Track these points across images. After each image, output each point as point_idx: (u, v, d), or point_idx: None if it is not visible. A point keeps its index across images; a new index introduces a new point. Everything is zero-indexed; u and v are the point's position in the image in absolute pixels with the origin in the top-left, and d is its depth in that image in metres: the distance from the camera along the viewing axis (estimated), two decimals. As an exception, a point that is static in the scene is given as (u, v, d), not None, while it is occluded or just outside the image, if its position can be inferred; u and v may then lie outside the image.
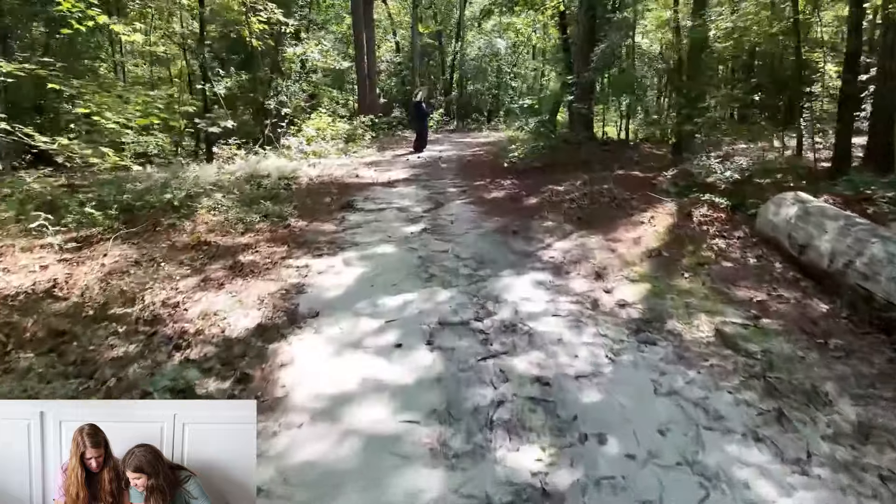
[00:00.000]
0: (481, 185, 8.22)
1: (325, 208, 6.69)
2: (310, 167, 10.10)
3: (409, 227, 5.52)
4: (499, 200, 6.84)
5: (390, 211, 6.43)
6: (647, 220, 5.27)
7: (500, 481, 2.11)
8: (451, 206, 6.58)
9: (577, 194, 6.66)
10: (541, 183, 7.82)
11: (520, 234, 5.14)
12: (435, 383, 2.78)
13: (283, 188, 8.03)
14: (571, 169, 8.46)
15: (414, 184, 8.60)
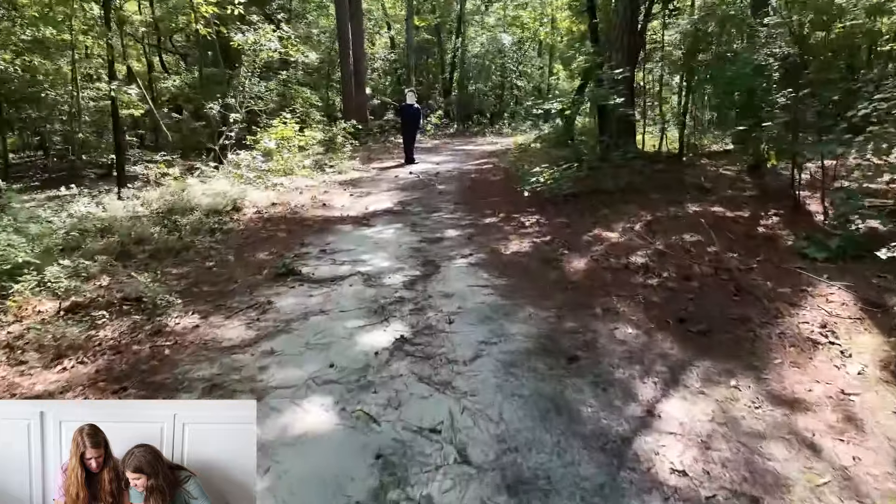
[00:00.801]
0: (493, 225, 5.78)
1: (250, 275, 4.25)
2: (265, 191, 7.67)
3: (373, 336, 3.07)
4: (525, 263, 4.40)
5: (352, 284, 4.00)
6: (819, 333, 2.81)
7: None
8: (448, 274, 4.15)
9: (651, 253, 4.23)
10: (581, 225, 5.38)
11: (582, 363, 2.68)
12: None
13: (212, 230, 5.60)
14: (620, 199, 6.02)
15: (398, 220, 6.17)
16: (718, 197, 5.87)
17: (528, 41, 26.59)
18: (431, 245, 5.06)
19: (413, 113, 11.13)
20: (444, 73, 24.73)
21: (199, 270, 4.40)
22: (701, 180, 6.67)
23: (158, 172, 7.50)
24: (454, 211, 6.57)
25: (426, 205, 6.99)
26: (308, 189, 8.10)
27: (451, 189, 8.11)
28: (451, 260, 4.56)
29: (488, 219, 6.03)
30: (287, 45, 8.24)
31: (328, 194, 7.89)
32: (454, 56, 23.98)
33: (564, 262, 4.27)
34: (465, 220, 6.04)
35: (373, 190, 8.24)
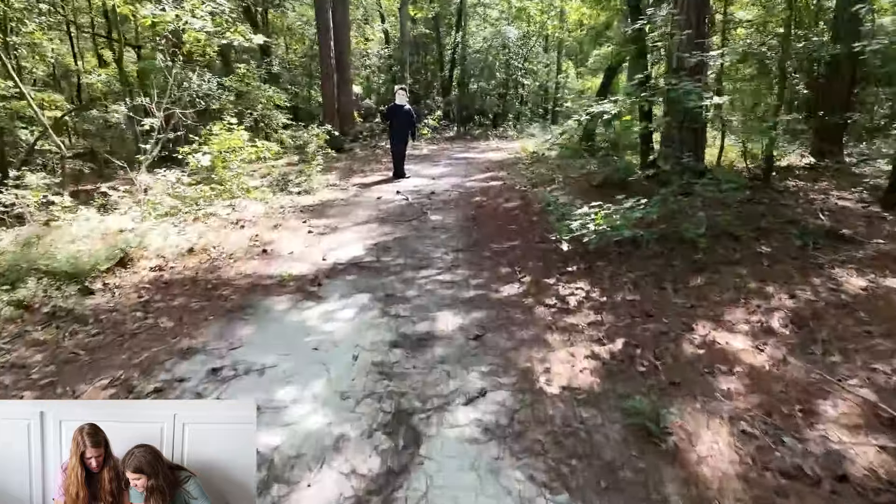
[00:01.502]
0: (516, 302, 3.54)
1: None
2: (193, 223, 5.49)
3: None
4: (595, 436, 2.19)
5: None
6: None
7: None
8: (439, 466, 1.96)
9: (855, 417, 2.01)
10: (668, 312, 3.14)
11: None
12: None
13: (52, 313, 3.38)
14: (713, 254, 3.80)
15: (365, 286, 3.93)
16: (877, 252, 3.65)
17: (533, 36, 24.40)
18: (412, 356, 2.84)
19: (404, 116, 8.91)
20: (443, 70, 22.51)
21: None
22: (822, 217, 4.46)
23: (36, 202, 5.29)
24: (452, 266, 4.34)
25: (412, 253, 4.76)
26: (252, 221, 5.88)
27: (450, 223, 5.88)
28: (446, 409, 2.33)
29: (506, 287, 3.79)
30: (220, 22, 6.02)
31: (279, 230, 5.67)
32: (454, 52, 21.75)
33: (682, 441, 2.03)
34: (468, 289, 3.81)
35: (342, 222, 6.01)
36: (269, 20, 16.85)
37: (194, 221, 5.77)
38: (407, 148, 9.21)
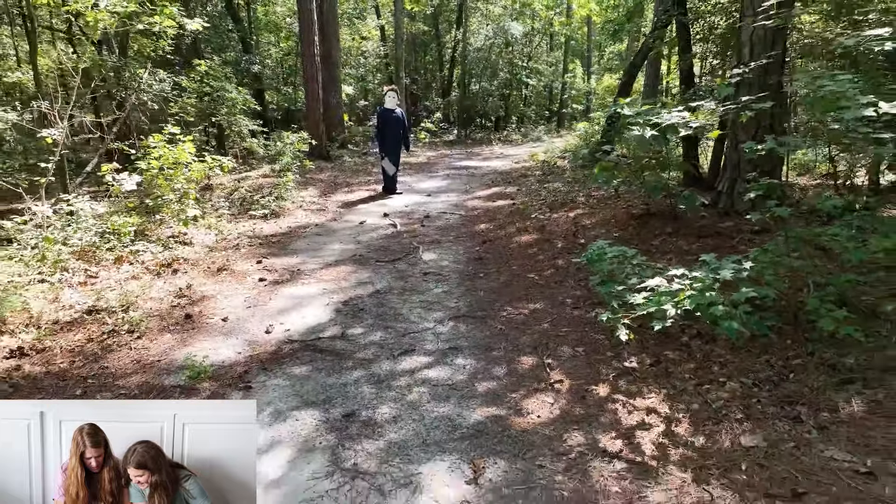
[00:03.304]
0: (552, 439, 2.16)
1: None
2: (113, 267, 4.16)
3: None
4: None
5: None
6: None
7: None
8: None
9: None
10: (828, 490, 1.77)
11: None
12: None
13: None
14: (856, 352, 2.42)
15: (320, 377, 2.57)
16: None
17: (538, 33, 23.05)
18: None
19: (395, 122, 7.55)
20: (443, 69, 21.18)
21: None
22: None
23: None
24: (449, 350, 2.96)
25: (393, 321, 3.38)
26: (192, 262, 4.52)
27: (447, 266, 4.50)
28: None
29: (531, 402, 2.41)
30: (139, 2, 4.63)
31: (221, 276, 4.30)
32: (454, 50, 20.41)
33: None
34: (472, 405, 2.43)
35: (308, 263, 4.64)
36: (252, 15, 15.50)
37: (116, 263, 4.41)
38: (399, 160, 7.85)
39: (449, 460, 2.05)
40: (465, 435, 2.21)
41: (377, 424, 2.30)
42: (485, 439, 2.18)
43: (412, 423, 2.31)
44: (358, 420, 2.34)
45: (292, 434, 2.26)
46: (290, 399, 2.53)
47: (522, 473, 1.97)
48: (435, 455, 2.09)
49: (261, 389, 2.62)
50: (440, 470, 2.00)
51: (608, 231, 4.62)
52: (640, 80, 13.92)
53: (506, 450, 2.10)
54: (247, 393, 2.59)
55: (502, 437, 2.19)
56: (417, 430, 2.26)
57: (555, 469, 1.98)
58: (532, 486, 1.90)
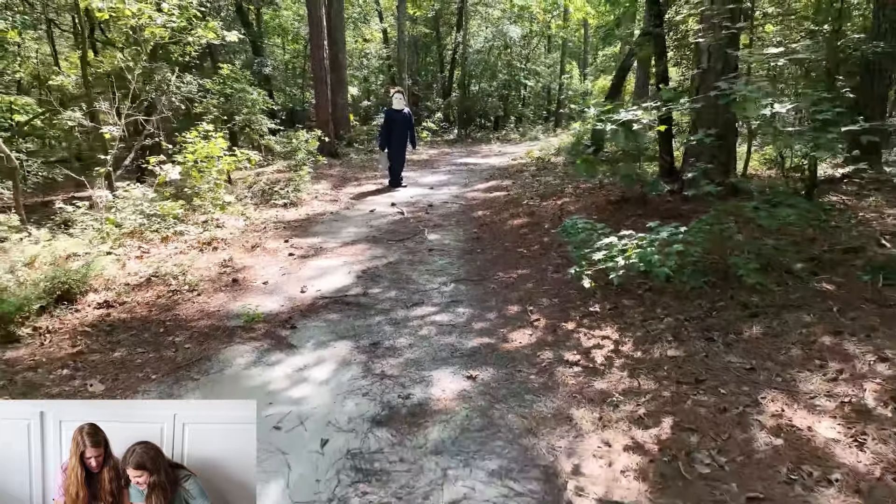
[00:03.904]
0: (526, 354, 2.89)
1: None
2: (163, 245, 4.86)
3: None
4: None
5: None
6: None
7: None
8: None
9: None
10: (716, 371, 2.49)
11: None
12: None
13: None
14: (764, 295, 3.14)
15: (349, 327, 3.29)
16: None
17: (536, 36, 23.77)
18: (398, 444, 2.19)
19: (403, 121, 8.27)
20: (443, 71, 21.90)
21: None
22: (885, 243, 3.80)
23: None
24: (452, 301, 3.70)
25: (405, 283, 4.11)
26: (227, 242, 5.24)
27: (449, 242, 5.23)
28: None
29: (516, 334, 3.15)
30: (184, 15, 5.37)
31: (255, 252, 5.03)
32: (454, 52, 21.13)
33: None
34: (471, 335, 3.16)
35: (329, 242, 5.37)
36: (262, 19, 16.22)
37: (162, 242, 5.14)
38: (405, 157, 8.57)
39: (452, 369, 2.78)
40: (464, 354, 2.93)
41: (396, 349, 3.03)
42: (479, 357, 2.90)
43: (423, 348, 3.03)
44: (382, 346, 3.06)
45: (332, 355, 2.98)
46: (328, 334, 3.25)
47: (505, 374, 2.69)
48: (441, 366, 2.81)
49: (303, 329, 3.34)
50: (445, 374, 2.72)
51: (588, 214, 5.34)
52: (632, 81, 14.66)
53: (494, 363, 2.82)
54: (293, 331, 3.31)
55: (492, 355, 2.91)
56: (427, 352, 2.98)
57: (529, 372, 2.70)
58: (512, 381, 2.62)
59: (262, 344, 3.14)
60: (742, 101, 3.06)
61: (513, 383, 2.61)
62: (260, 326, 3.38)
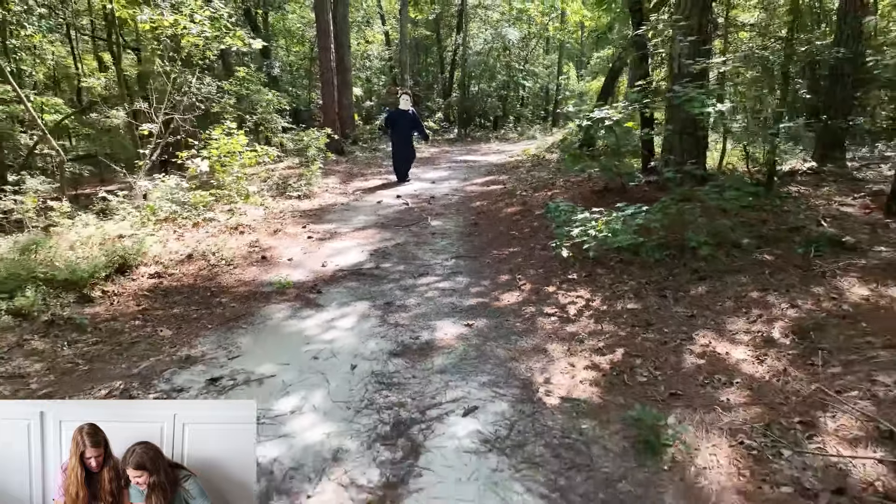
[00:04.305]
0: (514, 309, 3.53)
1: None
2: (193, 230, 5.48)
3: None
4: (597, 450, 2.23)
5: None
6: None
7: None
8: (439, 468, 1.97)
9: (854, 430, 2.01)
10: (668, 321, 3.14)
11: None
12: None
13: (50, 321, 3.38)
14: (713, 263, 3.79)
15: (365, 293, 3.94)
16: (878, 261, 3.63)
17: (534, 37, 24.41)
18: (411, 367, 2.83)
19: (408, 121, 8.91)
20: (444, 72, 22.55)
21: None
22: (824, 224, 4.44)
23: (34, 207, 5.30)
24: (453, 273, 4.34)
25: (412, 259, 4.75)
26: (252, 227, 5.88)
27: (450, 227, 5.88)
28: (446, 421, 2.33)
29: (506, 295, 3.79)
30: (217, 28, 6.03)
31: (278, 235, 5.67)
32: (455, 54, 21.78)
33: (681, 455, 2.03)
34: (468, 296, 3.81)
35: (342, 227, 6.01)
36: (269, 22, 16.86)
37: (193, 227, 5.77)
38: (412, 155, 9.21)
39: (452, 320, 3.41)
40: (462, 310, 3.57)
41: (407, 307, 3.67)
42: (474, 312, 3.54)
43: (429, 306, 3.67)
44: (394, 305, 3.70)
45: (354, 311, 3.62)
46: (349, 297, 3.89)
47: (496, 323, 3.33)
48: (444, 318, 3.45)
49: (327, 293, 3.98)
50: (447, 323, 3.36)
51: (574, 202, 5.97)
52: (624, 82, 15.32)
53: (487, 315, 3.46)
54: (319, 295, 3.94)
55: (485, 310, 3.55)
56: (432, 308, 3.62)
57: (515, 321, 3.34)
58: (500, 328, 3.26)
59: (295, 304, 3.78)
60: (689, 101, 3.69)
61: (501, 329, 3.25)
62: (290, 291, 4.02)
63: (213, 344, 3.16)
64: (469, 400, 2.48)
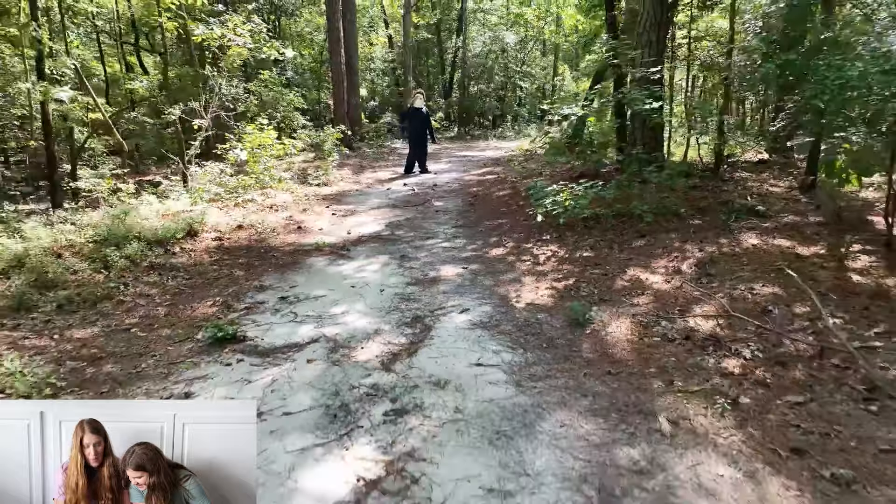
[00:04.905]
0: (500, 258, 4.68)
1: (176, 341, 3.18)
2: (235, 208, 6.60)
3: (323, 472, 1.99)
4: (545, 326, 3.33)
5: (311, 358, 2.92)
6: None
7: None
8: (442, 341, 3.10)
9: (713, 312, 3.14)
10: (611, 262, 4.28)
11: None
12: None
13: (151, 265, 4.51)
14: (655, 225, 4.92)
15: (384, 250, 5.08)
16: (778, 223, 4.77)
17: (531, 40, 25.55)
18: (424, 290, 3.96)
19: (422, 117, 10.03)
20: (444, 73, 23.67)
21: (112, 333, 3.32)
22: (748, 200, 5.57)
23: (107, 188, 6.43)
24: (453, 237, 5.48)
25: (420, 228, 5.89)
26: (284, 206, 7.01)
27: (450, 207, 7.01)
28: (448, 315, 3.46)
29: (494, 250, 4.93)
30: (258, 40, 7.18)
31: (307, 213, 6.80)
32: (455, 56, 22.91)
33: (599, 326, 3.17)
34: (465, 251, 4.95)
35: (359, 207, 7.15)
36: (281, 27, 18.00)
37: (235, 206, 6.90)
38: (426, 149, 10.34)
39: (452, 264, 4.54)
40: (460, 259, 4.70)
41: (417, 258, 4.80)
42: (469, 260, 4.67)
43: (434, 257, 4.80)
44: (408, 258, 4.83)
45: (377, 261, 4.75)
46: (372, 252, 5.02)
47: (485, 266, 4.46)
48: (446, 264, 4.58)
49: (355, 250, 5.12)
50: (448, 267, 4.49)
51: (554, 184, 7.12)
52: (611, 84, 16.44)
53: (479, 261, 4.59)
54: (349, 251, 5.07)
55: (478, 259, 4.68)
56: (437, 258, 4.75)
57: (499, 265, 4.47)
58: (489, 269, 4.39)
59: (331, 257, 4.92)
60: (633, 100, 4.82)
61: (489, 269, 4.38)
62: (326, 249, 5.16)
63: (275, 279, 4.30)
64: (464, 305, 3.61)
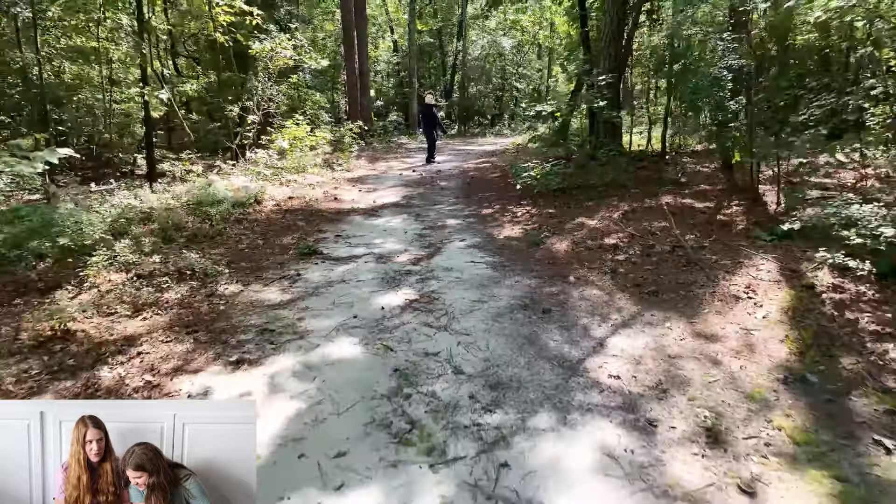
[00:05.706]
0: (489, 215, 6.46)
1: (278, 255, 4.94)
2: (281, 186, 8.36)
3: (387, 297, 3.76)
4: (515, 245, 5.10)
5: (367, 261, 4.68)
6: (743, 291, 3.48)
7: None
8: (449, 254, 4.85)
9: (622, 237, 4.91)
10: (567, 215, 6.05)
11: (554, 314, 3.37)
12: None
13: (238, 219, 6.28)
14: (603, 193, 6.69)
15: (403, 211, 6.85)
16: (692, 191, 6.53)
17: (527, 44, 27.29)
18: (434, 232, 5.73)
19: (430, 115, 11.79)
20: (446, 75, 25.41)
21: (234, 251, 5.08)
22: (678, 176, 7.32)
23: (183, 169, 8.18)
24: (454, 204, 7.24)
25: (429, 199, 7.66)
26: (319, 185, 8.78)
27: (452, 185, 8.78)
28: (452, 242, 5.23)
29: (485, 210, 6.70)
30: (300, 52, 8.94)
31: (338, 190, 8.57)
32: (455, 59, 24.66)
33: (549, 244, 4.94)
34: (464, 212, 6.71)
35: (379, 186, 8.92)
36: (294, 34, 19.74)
37: (280, 185, 8.67)
38: (437, 141, 12.11)
39: (454, 218, 6.31)
40: (460, 216, 6.47)
41: (428, 217, 6.56)
42: (466, 216, 6.43)
43: (441, 215, 6.57)
44: (421, 216, 6.59)
45: (399, 218, 6.52)
46: (394, 213, 6.78)
47: (478, 220, 6.23)
48: (450, 218, 6.35)
49: (381, 212, 6.88)
50: (451, 220, 6.26)
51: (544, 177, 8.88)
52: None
53: (473, 217, 6.36)
54: (376, 212, 6.83)
55: (473, 216, 6.45)
56: (443, 215, 6.52)
57: (489, 219, 6.25)
58: (481, 221, 6.16)
59: (365, 216, 6.68)
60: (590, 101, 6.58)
61: (481, 222, 6.15)
62: (360, 211, 6.93)
63: (329, 227, 6.06)
64: (462, 238, 5.38)
